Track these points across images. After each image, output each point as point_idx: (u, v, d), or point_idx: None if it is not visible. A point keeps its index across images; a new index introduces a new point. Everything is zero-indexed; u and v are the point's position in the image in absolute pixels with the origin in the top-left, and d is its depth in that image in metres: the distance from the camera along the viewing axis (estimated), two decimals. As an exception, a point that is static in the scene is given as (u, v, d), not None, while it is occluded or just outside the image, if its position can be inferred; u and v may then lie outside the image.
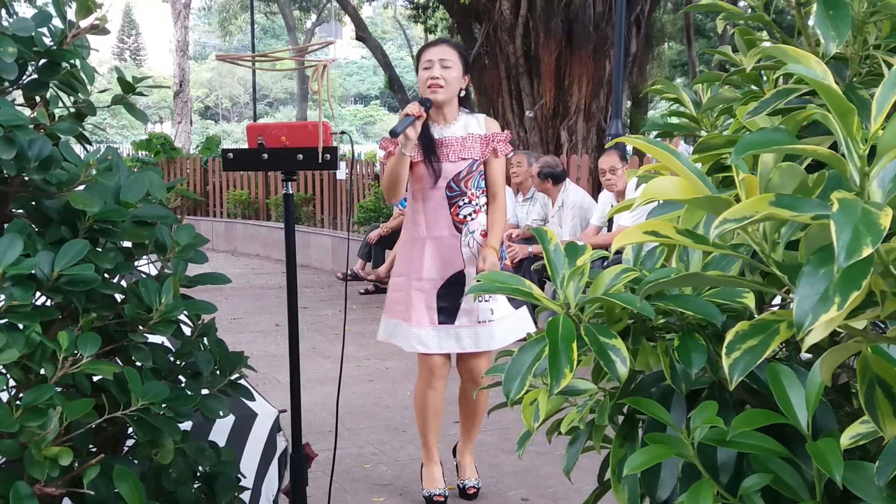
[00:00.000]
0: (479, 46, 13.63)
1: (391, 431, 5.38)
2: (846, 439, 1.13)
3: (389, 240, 10.34)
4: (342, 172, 13.66)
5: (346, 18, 35.59)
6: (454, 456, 4.51)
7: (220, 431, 2.67)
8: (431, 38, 23.96)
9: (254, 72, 23.96)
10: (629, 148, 11.50)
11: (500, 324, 4.14)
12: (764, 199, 0.85)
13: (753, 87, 1.66)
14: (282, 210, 11.90)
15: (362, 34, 17.36)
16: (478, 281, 1.41)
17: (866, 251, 0.73)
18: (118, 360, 1.87)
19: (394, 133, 3.71)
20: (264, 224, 15.11)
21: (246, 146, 2.85)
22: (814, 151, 0.83)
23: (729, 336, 0.97)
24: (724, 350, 0.97)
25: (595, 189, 9.54)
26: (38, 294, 1.64)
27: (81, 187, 1.75)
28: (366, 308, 9.29)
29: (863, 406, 1.00)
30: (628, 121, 17.93)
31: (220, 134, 27.05)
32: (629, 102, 16.89)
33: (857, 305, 0.83)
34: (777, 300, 1.59)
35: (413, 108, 3.76)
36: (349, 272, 11.34)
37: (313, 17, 40.85)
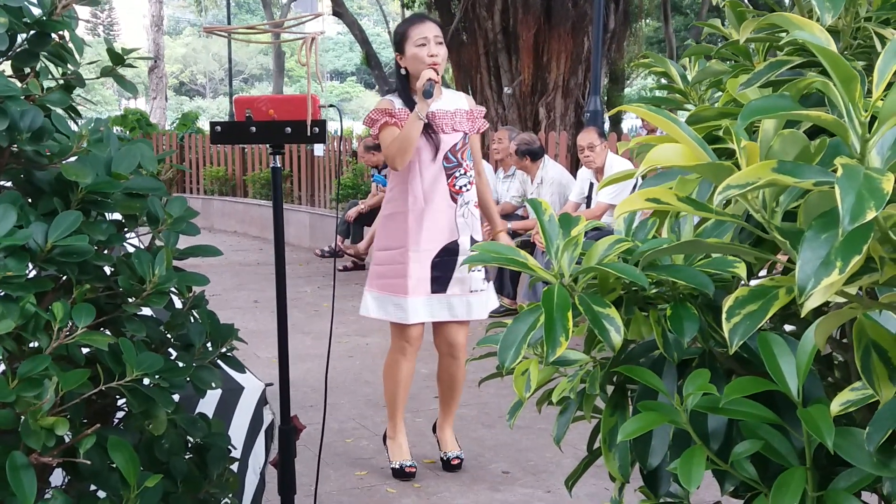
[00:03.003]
0: (458, 22, 13.59)
1: (372, 406, 5.40)
2: (836, 406, 1.15)
3: (368, 217, 10.33)
4: (320, 149, 13.62)
5: (323, -6, 35.27)
6: (434, 432, 4.55)
7: (208, 404, 2.68)
8: (409, 13, 23.86)
9: (230, 47, 23.78)
10: (606, 125, 11.52)
11: (488, 293, 4.26)
12: (766, 166, 0.86)
13: (743, 61, 1.68)
14: (259, 186, 11.70)
15: (339, 10, 17.27)
16: (473, 251, 1.42)
17: (870, 214, 0.75)
18: (108, 332, 1.87)
19: (429, 95, 3.80)
20: (241, 200, 15.05)
21: (222, 121, 2.84)
22: (818, 117, 0.84)
23: (728, 301, 0.99)
24: (724, 315, 0.99)
25: (574, 166, 9.56)
26: (29, 266, 1.64)
27: (73, 159, 1.74)
28: (345, 285, 9.29)
29: (859, 371, 1.02)
30: (605, 98, 17.94)
31: (195, 110, 26.88)
32: (607, 79, 16.91)
33: (855, 271, 0.84)
34: (763, 273, 1.61)
35: (432, 73, 3.85)
36: (328, 249, 11.33)
37: (289, -8, 40.51)
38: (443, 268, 4.09)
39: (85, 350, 1.74)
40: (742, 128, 0.90)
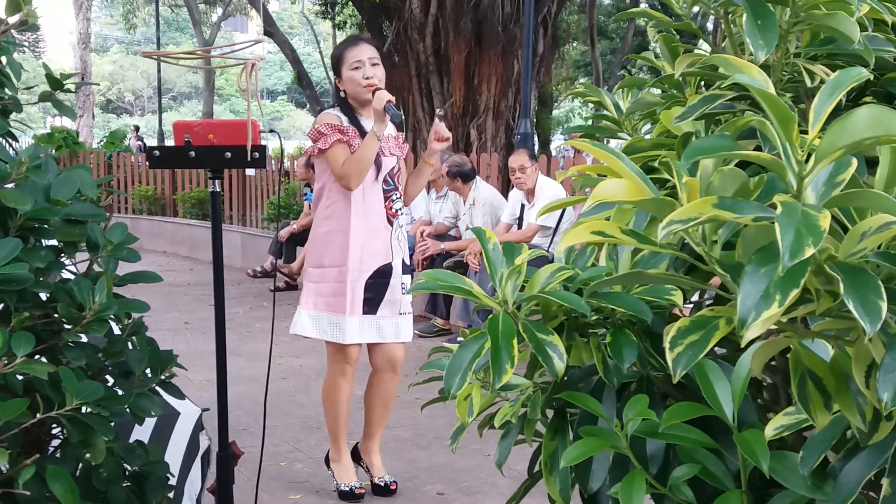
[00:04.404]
0: (390, 44, 13.64)
1: (306, 429, 5.38)
2: (771, 430, 1.18)
3: (301, 237, 10.28)
4: (251, 169, 13.52)
5: (253, 13, 35.11)
6: (356, 460, 4.48)
7: (143, 431, 2.65)
8: (340, 34, 23.88)
9: (159, 65, 23.52)
10: (536, 147, 11.62)
11: (411, 315, 4.28)
12: (707, 202, 0.90)
13: (675, 92, 1.72)
14: (189, 206, 11.52)
15: (270, 29, 17.25)
16: (420, 279, 1.44)
17: (809, 251, 0.78)
18: (44, 360, 1.84)
19: (399, 117, 3.83)
20: (171, 220, 14.86)
21: (161, 145, 2.85)
22: (756, 157, 0.88)
23: (671, 332, 1.02)
24: (667, 345, 1.02)
25: (505, 187, 9.65)
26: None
27: (10, 185, 1.73)
28: (277, 305, 9.21)
29: (795, 398, 1.05)
30: (535, 119, 18.14)
31: (123, 128, 26.56)
32: (535, 102, 17.10)
33: (792, 303, 0.88)
34: (695, 297, 1.65)
35: (387, 94, 3.87)
36: (260, 269, 11.25)
37: (219, 10, 40.27)
38: (375, 289, 4.11)
39: (20, 377, 1.71)
40: (685, 167, 0.93)
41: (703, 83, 1.70)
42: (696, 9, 1.62)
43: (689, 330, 1.01)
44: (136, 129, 28.60)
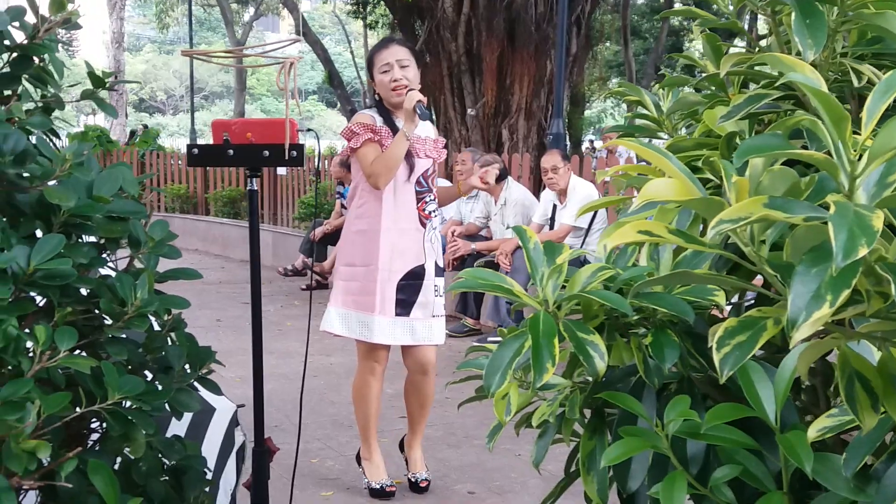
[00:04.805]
0: (421, 44, 13.65)
1: (337, 426, 5.39)
2: (814, 432, 1.17)
3: (332, 236, 10.31)
4: (283, 168, 13.58)
5: (285, 12, 35.29)
6: (401, 451, 4.55)
7: (179, 426, 2.67)
8: (371, 34, 23.93)
9: (191, 65, 23.68)
10: (568, 148, 11.60)
11: (444, 318, 4.31)
12: (757, 201, 0.89)
13: (718, 91, 1.71)
14: (221, 205, 11.56)
15: (303, 29, 17.29)
16: (459, 278, 1.44)
17: (862, 251, 0.78)
18: (85, 354, 1.86)
19: (426, 116, 3.93)
20: (203, 219, 14.95)
21: (200, 143, 2.86)
22: (810, 156, 0.87)
23: (718, 332, 1.01)
24: (714, 345, 1.01)
25: (536, 187, 9.62)
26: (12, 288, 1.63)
27: (53, 182, 1.74)
28: (308, 304, 9.25)
29: (843, 399, 1.05)
30: (567, 120, 18.10)
31: (156, 127, 26.80)
32: (567, 102, 17.04)
33: (842, 304, 0.87)
34: (735, 298, 1.65)
35: (419, 94, 3.92)
36: (291, 267, 11.28)
37: (251, 10, 40.46)
38: (408, 291, 4.13)
39: (62, 371, 1.73)
40: (738, 166, 0.93)
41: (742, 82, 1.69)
42: (730, 7, 1.61)
43: (736, 330, 1.01)
44: (145, 127, 28.83)
